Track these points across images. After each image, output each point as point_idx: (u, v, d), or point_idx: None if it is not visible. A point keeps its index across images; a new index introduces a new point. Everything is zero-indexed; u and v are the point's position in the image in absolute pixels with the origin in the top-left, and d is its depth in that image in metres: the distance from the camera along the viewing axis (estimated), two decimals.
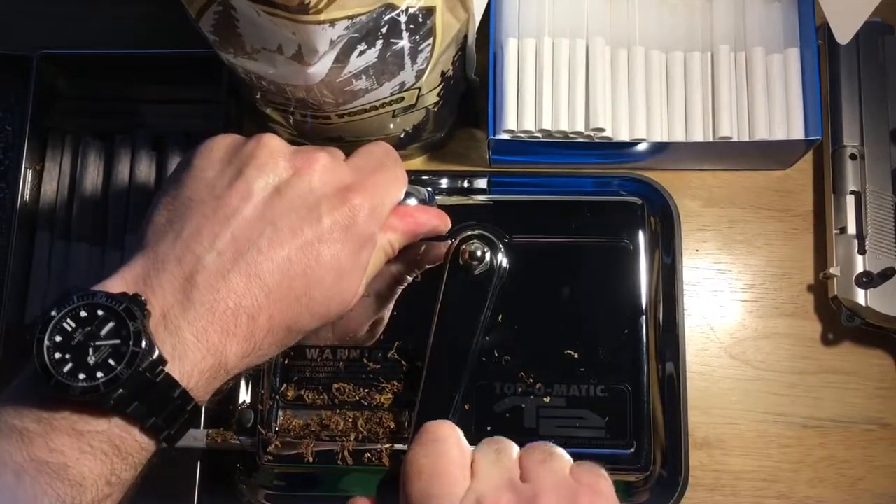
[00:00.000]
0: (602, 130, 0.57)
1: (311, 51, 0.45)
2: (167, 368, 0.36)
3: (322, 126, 0.55)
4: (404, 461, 0.41)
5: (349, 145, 0.58)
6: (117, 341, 0.35)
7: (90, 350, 0.35)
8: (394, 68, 0.49)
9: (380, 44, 0.47)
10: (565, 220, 0.58)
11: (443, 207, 0.57)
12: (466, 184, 0.61)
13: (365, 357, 0.56)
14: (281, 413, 0.55)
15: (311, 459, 0.54)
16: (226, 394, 0.56)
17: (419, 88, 0.53)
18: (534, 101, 0.58)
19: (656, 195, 0.60)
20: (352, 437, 0.54)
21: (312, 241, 0.40)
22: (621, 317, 0.57)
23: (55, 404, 0.35)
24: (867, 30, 0.58)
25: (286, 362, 0.56)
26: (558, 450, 0.42)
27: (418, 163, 0.63)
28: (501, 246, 0.56)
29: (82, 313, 0.36)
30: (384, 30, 0.46)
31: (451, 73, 0.54)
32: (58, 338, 0.36)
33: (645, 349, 0.56)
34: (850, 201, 0.58)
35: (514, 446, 0.42)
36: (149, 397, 0.36)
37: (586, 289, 0.57)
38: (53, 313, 0.36)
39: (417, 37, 0.48)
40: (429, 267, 0.55)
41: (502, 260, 0.55)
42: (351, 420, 0.55)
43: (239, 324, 0.38)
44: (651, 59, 0.59)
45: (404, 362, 0.55)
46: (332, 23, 0.43)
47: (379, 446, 0.54)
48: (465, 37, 0.53)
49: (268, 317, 0.39)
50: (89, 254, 0.59)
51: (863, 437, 0.58)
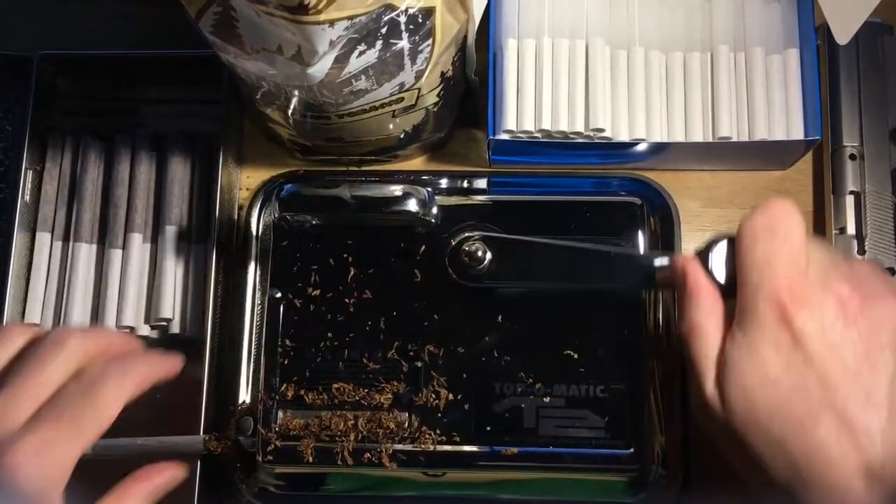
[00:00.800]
0: (602, 131, 0.57)
1: (310, 51, 0.45)
2: None
3: (322, 126, 0.55)
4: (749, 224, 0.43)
5: (349, 145, 0.58)
6: None
7: None
8: (393, 69, 0.49)
9: (379, 44, 0.47)
10: (565, 221, 0.59)
11: (443, 207, 0.58)
12: (466, 184, 0.61)
13: (365, 357, 0.56)
14: (281, 413, 0.55)
15: (310, 459, 0.54)
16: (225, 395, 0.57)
17: (419, 89, 0.53)
18: (533, 102, 0.58)
19: (656, 195, 0.60)
20: (351, 437, 0.54)
21: None
22: (621, 316, 0.57)
23: None
24: (867, 30, 0.58)
25: (286, 362, 0.56)
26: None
27: (418, 163, 0.63)
28: (501, 246, 0.56)
29: None
30: (384, 30, 0.46)
31: (450, 73, 0.54)
32: None
33: (645, 349, 0.56)
34: (850, 202, 0.58)
35: None
36: None
37: (586, 288, 0.57)
38: None
39: (417, 37, 0.48)
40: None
41: (502, 260, 0.56)
42: (351, 420, 0.55)
43: None
44: (651, 59, 0.59)
45: (404, 362, 0.55)
46: (332, 23, 0.43)
47: (379, 446, 0.54)
48: (465, 37, 0.53)
49: None
50: (89, 254, 0.59)
51: None
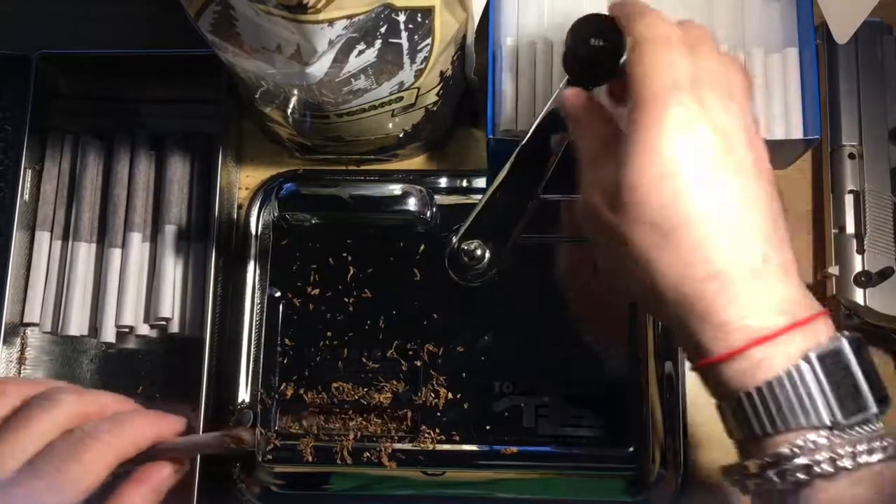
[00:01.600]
0: None
1: (309, 50, 0.45)
2: None
3: (321, 125, 0.55)
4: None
5: (348, 145, 0.58)
6: None
7: None
8: (393, 68, 0.49)
9: (378, 43, 0.47)
10: (565, 220, 0.59)
11: (443, 207, 0.58)
12: (466, 183, 0.61)
13: (364, 356, 0.56)
14: (280, 412, 0.55)
15: (310, 459, 0.54)
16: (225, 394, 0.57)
17: (418, 88, 0.53)
18: (533, 101, 0.58)
19: None
20: (351, 437, 0.54)
21: None
22: (620, 316, 0.57)
23: None
24: (866, 29, 0.58)
25: (285, 361, 0.56)
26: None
27: (418, 162, 0.63)
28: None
29: None
30: (383, 29, 0.46)
31: (449, 72, 0.54)
32: None
33: (644, 349, 0.56)
34: (849, 201, 0.58)
35: None
36: None
37: (585, 288, 0.57)
38: None
39: (416, 36, 0.48)
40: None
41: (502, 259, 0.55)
42: (350, 419, 0.55)
43: None
44: None
45: (403, 362, 0.55)
46: (331, 22, 0.43)
47: (378, 445, 0.54)
48: (464, 36, 0.53)
49: None
50: (88, 253, 0.59)
51: None
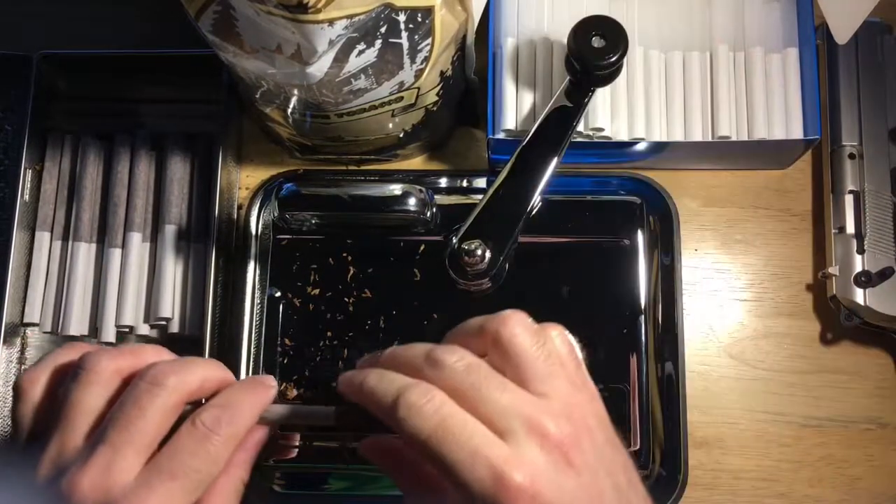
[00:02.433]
0: (601, 130, 0.57)
1: (309, 50, 0.45)
2: None
3: (321, 125, 0.55)
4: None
5: (348, 145, 0.58)
6: None
7: None
8: (393, 68, 0.49)
9: (379, 43, 0.47)
10: (565, 220, 0.59)
11: (443, 207, 0.58)
12: (466, 183, 0.61)
13: (364, 356, 0.56)
14: None
15: (310, 458, 0.54)
16: None
17: (418, 88, 0.53)
18: (533, 101, 0.58)
19: (655, 195, 0.60)
20: (351, 436, 0.54)
21: None
22: (621, 316, 0.57)
23: None
24: (866, 29, 0.58)
25: (286, 362, 0.56)
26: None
27: (418, 162, 0.63)
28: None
29: None
30: (383, 29, 0.46)
31: (450, 72, 0.54)
32: None
33: (644, 349, 0.56)
34: (849, 201, 0.58)
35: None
36: None
37: (586, 288, 0.57)
38: None
39: (416, 36, 0.48)
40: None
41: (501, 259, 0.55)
42: None
43: None
44: (650, 58, 0.59)
45: None
46: (331, 22, 0.43)
47: None
48: (464, 36, 0.53)
49: None
50: (88, 253, 0.59)
51: (861, 436, 0.58)
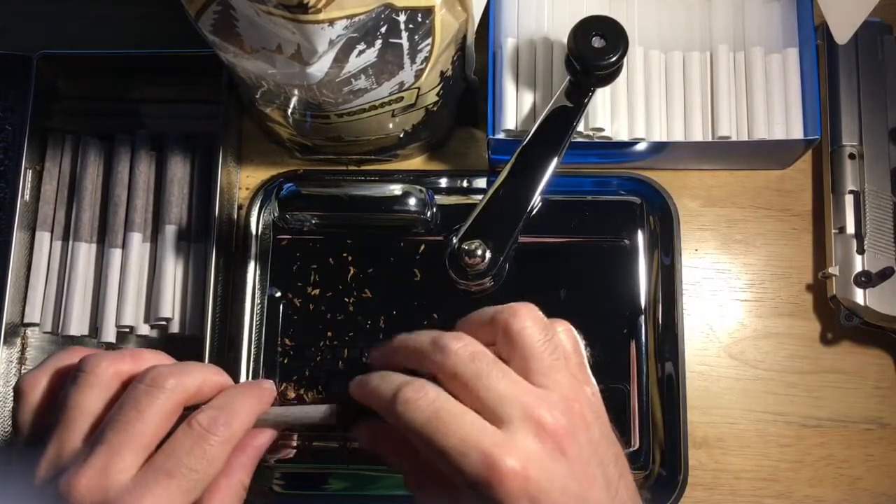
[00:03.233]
0: (601, 130, 0.57)
1: (310, 50, 0.45)
2: None
3: (321, 125, 0.55)
4: None
5: (348, 145, 0.58)
6: None
7: None
8: (393, 68, 0.49)
9: (379, 43, 0.47)
10: (565, 220, 0.59)
11: (443, 207, 0.58)
12: (466, 183, 0.61)
13: (364, 356, 0.56)
14: None
15: (310, 458, 0.54)
16: None
17: (418, 88, 0.53)
18: (533, 101, 0.58)
19: (655, 195, 0.60)
20: (352, 437, 0.54)
21: None
22: (621, 316, 0.57)
23: None
24: (866, 29, 0.58)
25: (286, 362, 0.56)
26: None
27: (418, 162, 0.63)
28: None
29: None
30: (383, 29, 0.46)
31: (450, 72, 0.54)
32: None
33: (644, 349, 0.56)
34: (849, 201, 0.58)
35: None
36: None
37: (586, 288, 0.57)
38: None
39: (416, 36, 0.48)
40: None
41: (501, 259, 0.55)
42: None
43: None
44: (650, 58, 0.59)
45: None
46: (332, 22, 0.43)
47: None
48: (464, 36, 0.53)
49: None
50: (89, 253, 0.59)
51: (862, 436, 0.58)
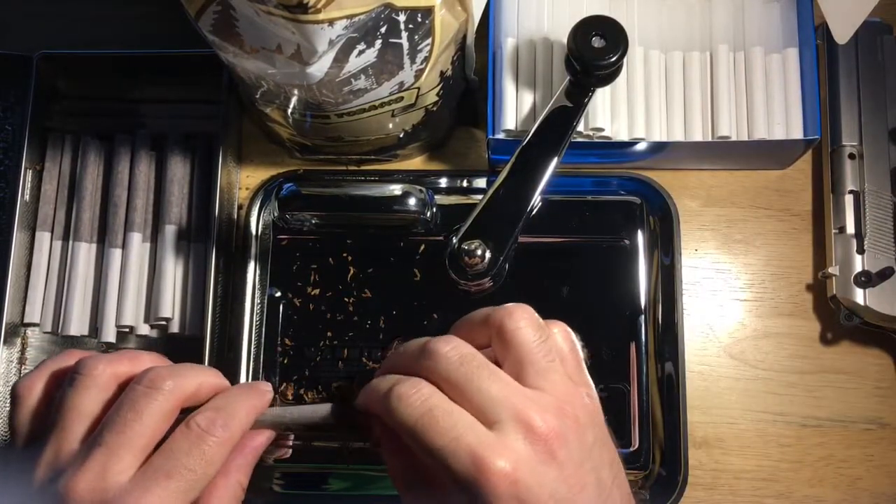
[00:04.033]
0: (601, 130, 0.57)
1: (309, 50, 0.45)
2: None
3: (321, 125, 0.55)
4: None
5: (348, 145, 0.58)
6: None
7: None
8: (393, 68, 0.49)
9: (379, 43, 0.47)
10: (565, 220, 0.59)
11: (443, 207, 0.58)
12: (466, 183, 0.61)
13: (364, 356, 0.56)
14: None
15: (310, 459, 0.54)
16: None
17: (418, 88, 0.53)
18: (533, 101, 0.58)
19: (655, 195, 0.60)
20: (352, 437, 0.54)
21: None
22: (621, 316, 0.57)
23: None
24: (866, 30, 0.58)
25: (286, 362, 0.56)
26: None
27: (418, 162, 0.63)
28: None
29: None
30: (383, 29, 0.46)
31: (450, 72, 0.54)
32: None
33: (644, 349, 0.56)
34: (849, 201, 0.58)
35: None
36: None
37: (586, 288, 0.57)
38: None
39: (416, 36, 0.48)
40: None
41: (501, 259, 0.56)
42: None
43: None
44: (650, 58, 0.59)
45: None
46: (331, 22, 0.43)
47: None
48: (464, 36, 0.53)
49: None
50: (89, 253, 0.59)
51: (862, 436, 0.58)
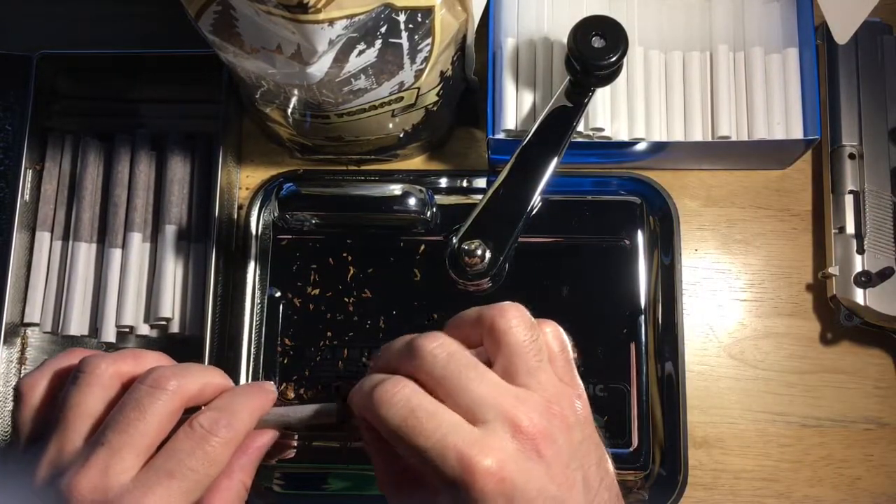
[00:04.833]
0: (601, 130, 0.57)
1: (310, 50, 0.45)
2: None
3: (321, 125, 0.55)
4: None
5: (348, 145, 0.58)
6: None
7: None
8: (393, 68, 0.49)
9: (379, 43, 0.47)
10: (565, 220, 0.59)
11: (443, 207, 0.58)
12: (465, 183, 0.61)
13: (364, 356, 0.56)
14: None
15: (310, 458, 0.54)
16: None
17: (418, 88, 0.53)
18: (533, 101, 0.58)
19: (655, 195, 0.60)
20: (352, 437, 0.54)
21: None
22: (621, 316, 0.57)
23: None
24: (866, 30, 0.58)
25: (286, 362, 0.56)
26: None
27: (418, 162, 0.63)
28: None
29: None
30: (383, 29, 0.46)
31: (450, 72, 0.54)
32: None
33: (644, 349, 0.56)
34: (849, 201, 0.58)
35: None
36: None
37: (586, 288, 0.57)
38: None
39: (416, 36, 0.48)
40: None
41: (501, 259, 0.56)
42: None
43: None
44: (650, 58, 0.59)
45: None
46: (331, 22, 0.43)
47: None
48: (464, 36, 0.53)
49: None
50: (89, 253, 0.59)
51: (861, 436, 0.58)
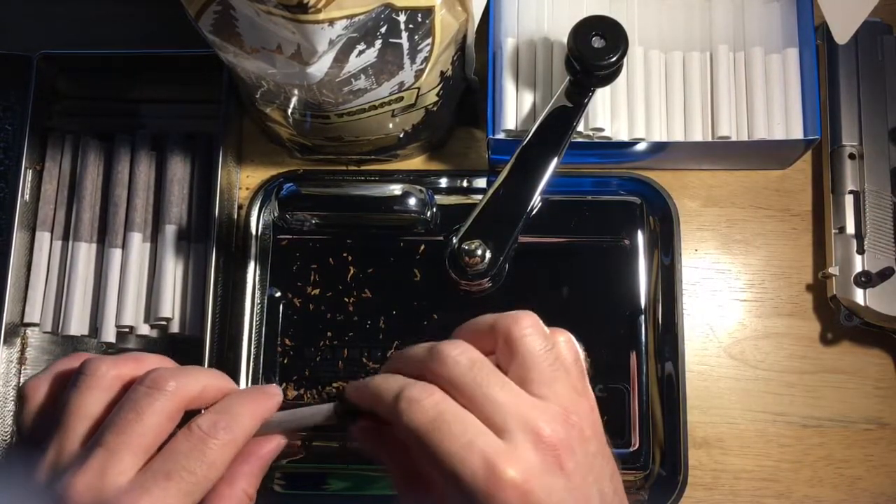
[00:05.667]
0: (601, 130, 0.57)
1: (310, 50, 0.45)
2: None
3: (321, 125, 0.55)
4: None
5: (348, 145, 0.58)
6: None
7: None
8: (393, 68, 0.49)
9: (379, 43, 0.47)
10: (565, 220, 0.59)
11: (443, 207, 0.58)
12: (466, 183, 0.61)
13: (364, 356, 0.56)
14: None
15: (310, 458, 0.54)
16: None
17: (418, 88, 0.53)
18: (533, 101, 0.58)
19: (655, 195, 0.60)
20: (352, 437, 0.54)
21: None
22: (621, 316, 0.57)
23: None
24: (866, 30, 0.58)
25: (285, 362, 0.56)
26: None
27: (418, 162, 0.63)
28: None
29: None
30: (383, 29, 0.46)
31: (450, 72, 0.54)
32: None
33: (644, 349, 0.56)
34: (849, 201, 0.58)
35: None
36: None
37: (586, 288, 0.57)
38: None
39: (416, 36, 0.48)
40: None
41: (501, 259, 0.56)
42: None
43: None
44: (650, 58, 0.59)
45: None
46: (331, 22, 0.43)
47: None
48: (464, 36, 0.53)
49: None
50: (89, 253, 0.59)
51: (861, 436, 0.58)
